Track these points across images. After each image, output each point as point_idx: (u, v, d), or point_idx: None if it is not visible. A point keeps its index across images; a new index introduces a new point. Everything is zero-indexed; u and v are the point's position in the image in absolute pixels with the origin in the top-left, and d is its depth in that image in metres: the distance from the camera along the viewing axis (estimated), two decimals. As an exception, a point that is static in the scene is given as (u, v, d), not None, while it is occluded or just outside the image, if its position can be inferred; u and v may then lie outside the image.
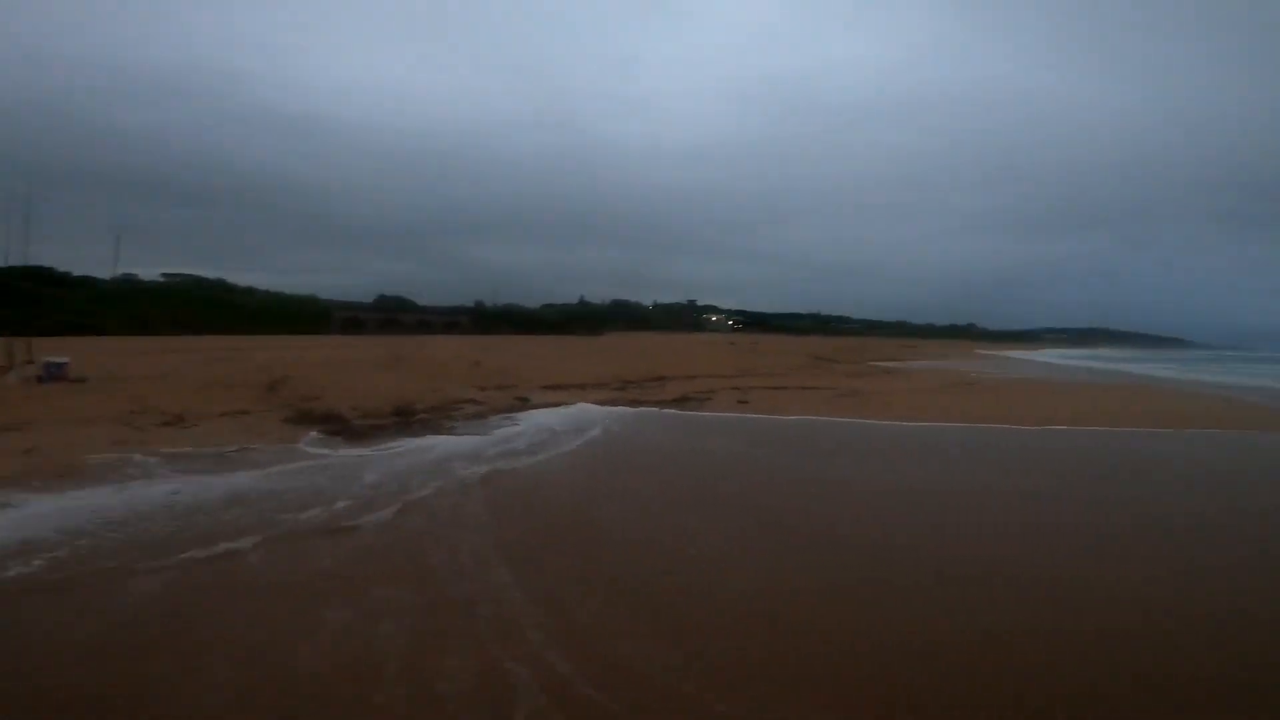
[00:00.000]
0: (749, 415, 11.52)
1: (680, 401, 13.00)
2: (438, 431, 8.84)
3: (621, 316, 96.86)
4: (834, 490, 6.47)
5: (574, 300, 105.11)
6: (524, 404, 11.68)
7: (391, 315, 67.22)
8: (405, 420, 9.62)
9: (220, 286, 59.09)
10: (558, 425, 9.63)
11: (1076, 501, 6.20)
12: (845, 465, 7.73)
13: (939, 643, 3.25)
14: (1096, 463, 8.30)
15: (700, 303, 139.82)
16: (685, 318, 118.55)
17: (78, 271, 43.96)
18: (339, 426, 8.90)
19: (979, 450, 8.89)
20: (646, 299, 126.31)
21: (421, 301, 78.94)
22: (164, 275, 58.38)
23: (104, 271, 42.34)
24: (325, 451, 7.48)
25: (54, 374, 11.26)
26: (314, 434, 8.44)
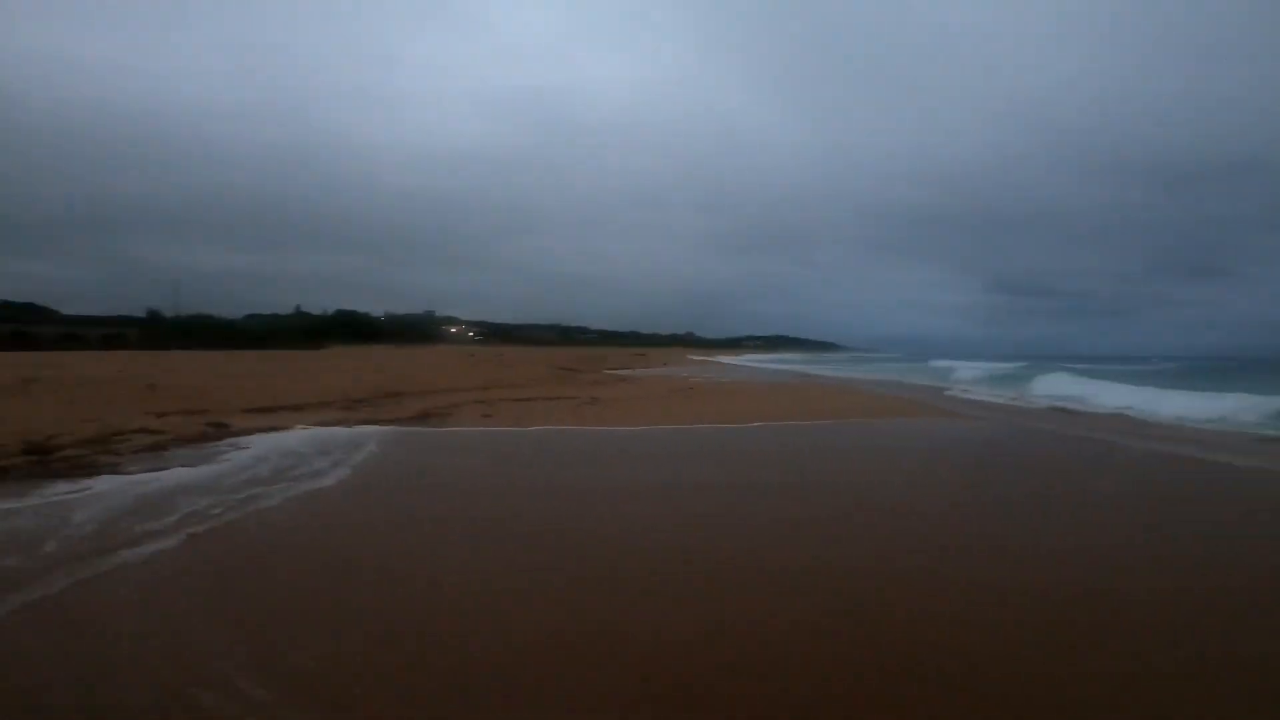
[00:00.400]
0: (494, 429, 11.35)
1: (421, 418, 12.24)
2: (92, 471, 6.92)
3: (348, 328, 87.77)
4: (583, 498, 6.67)
5: (289, 310, 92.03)
6: (221, 430, 9.84)
7: (20, 327, 51.21)
8: (43, 458, 7.38)
9: None
10: (272, 457, 8.30)
11: (783, 490, 7.33)
12: (591, 472, 8.05)
13: (682, 637, 3.54)
14: (794, 453, 9.91)
15: (439, 313, 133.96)
16: (423, 329, 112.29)
17: None
18: (-76, 477, 6.45)
19: (701, 449, 9.98)
20: (378, 309, 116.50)
21: (67, 310, 61.63)
22: None
23: None
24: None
25: None
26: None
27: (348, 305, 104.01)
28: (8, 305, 57.80)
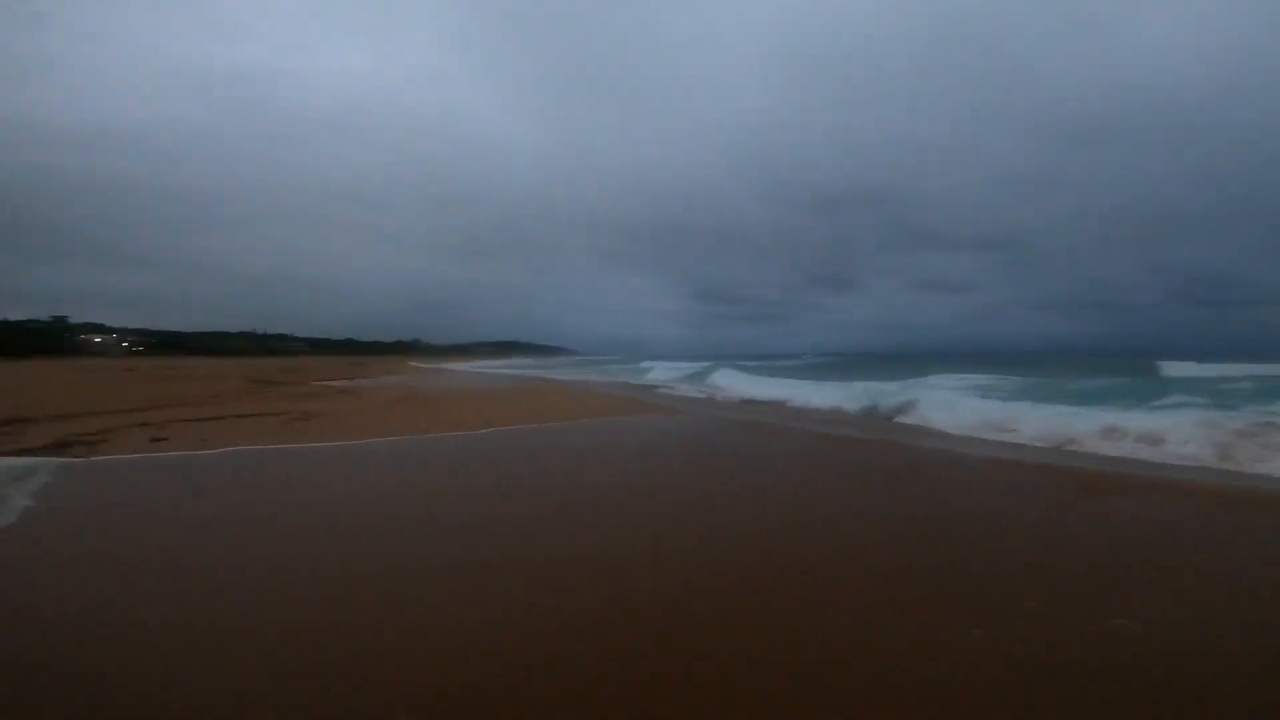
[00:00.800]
0: (171, 454, 9.44)
1: (60, 447, 9.57)
2: None
3: (-84, 337, 63.28)
4: (292, 521, 6.01)
5: None
6: None
7: None
8: None
9: None
10: None
11: (521, 492, 7.52)
12: (303, 492, 7.25)
13: (437, 644, 3.52)
14: (532, 455, 10.17)
15: (76, 320, 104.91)
16: (49, 339, 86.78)
17: None
18: None
19: (434, 458, 9.66)
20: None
21: None
22: None
23: None
24: None
25: None
26: None
27: (-86, 307, 74.98)
28: None
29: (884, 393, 18.33)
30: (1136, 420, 10.35)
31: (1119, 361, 42.61)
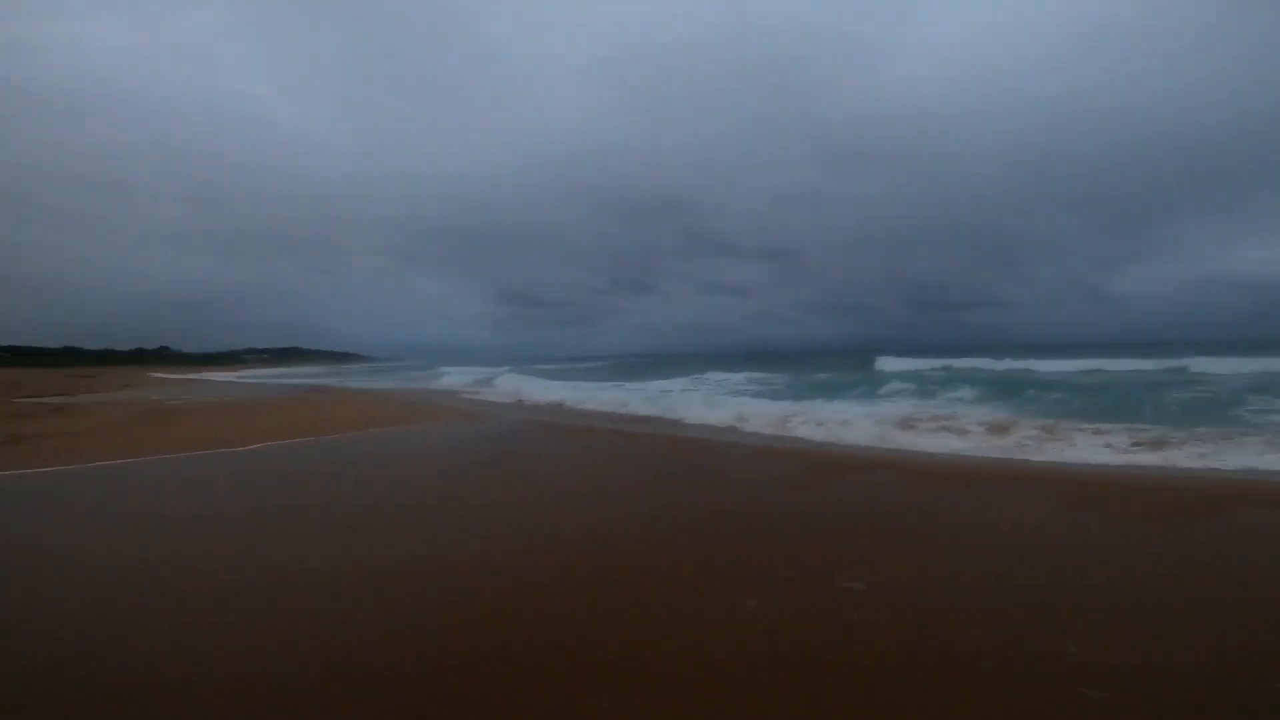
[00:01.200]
0: None
1: None
2: None
3: None
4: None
5: None
6: None
7: None
8: None
9: None
10: None
11: (299, 510, 7.30)
12: (16, 530, 6.37)
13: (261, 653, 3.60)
14: (312, 470, 9.65)
15: None
16: None
17: None
18: None
19: (190, 479, 8.77)
20: None
21: None
22: None
23: None
24: None
25: None
26: None
27: None
28: None
29: (667, 391, 20.28)
30: (833, 410, 13.09)
31: (855, 358, 50.94)
